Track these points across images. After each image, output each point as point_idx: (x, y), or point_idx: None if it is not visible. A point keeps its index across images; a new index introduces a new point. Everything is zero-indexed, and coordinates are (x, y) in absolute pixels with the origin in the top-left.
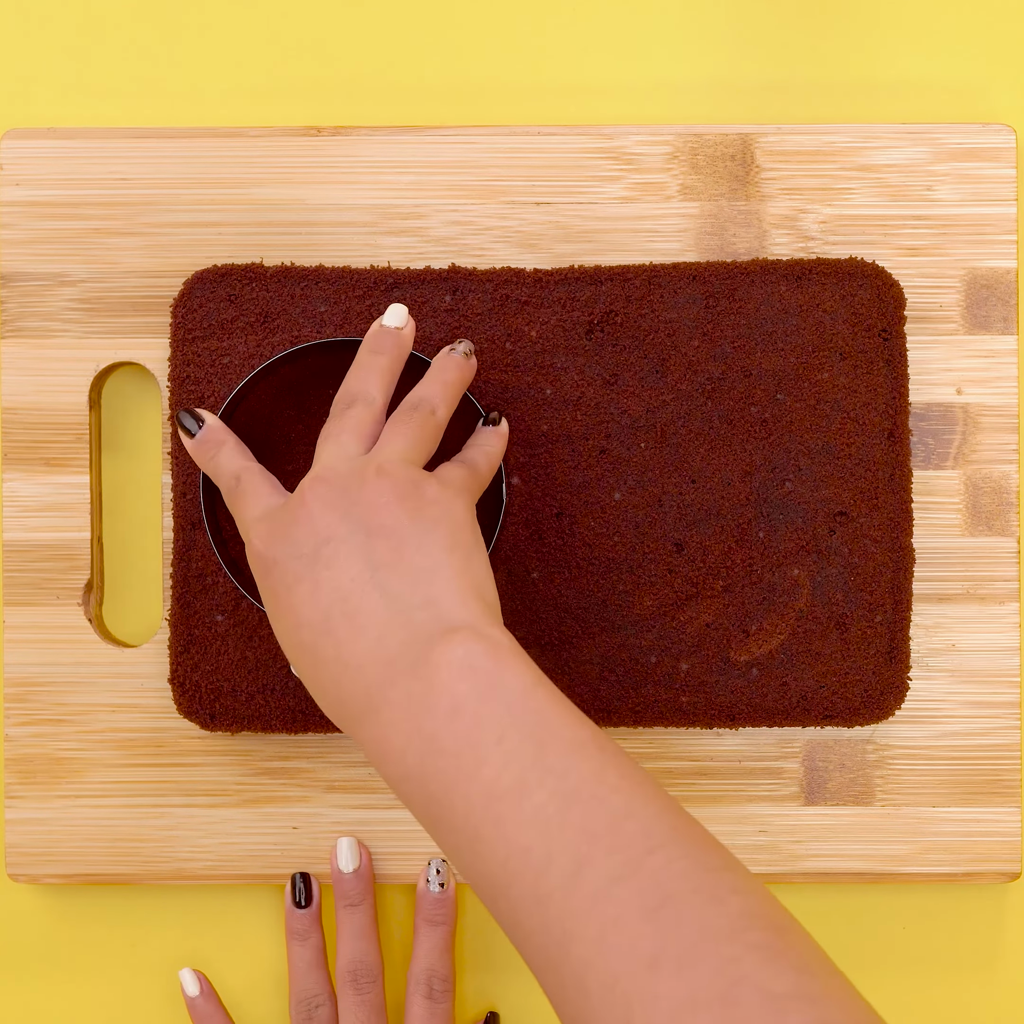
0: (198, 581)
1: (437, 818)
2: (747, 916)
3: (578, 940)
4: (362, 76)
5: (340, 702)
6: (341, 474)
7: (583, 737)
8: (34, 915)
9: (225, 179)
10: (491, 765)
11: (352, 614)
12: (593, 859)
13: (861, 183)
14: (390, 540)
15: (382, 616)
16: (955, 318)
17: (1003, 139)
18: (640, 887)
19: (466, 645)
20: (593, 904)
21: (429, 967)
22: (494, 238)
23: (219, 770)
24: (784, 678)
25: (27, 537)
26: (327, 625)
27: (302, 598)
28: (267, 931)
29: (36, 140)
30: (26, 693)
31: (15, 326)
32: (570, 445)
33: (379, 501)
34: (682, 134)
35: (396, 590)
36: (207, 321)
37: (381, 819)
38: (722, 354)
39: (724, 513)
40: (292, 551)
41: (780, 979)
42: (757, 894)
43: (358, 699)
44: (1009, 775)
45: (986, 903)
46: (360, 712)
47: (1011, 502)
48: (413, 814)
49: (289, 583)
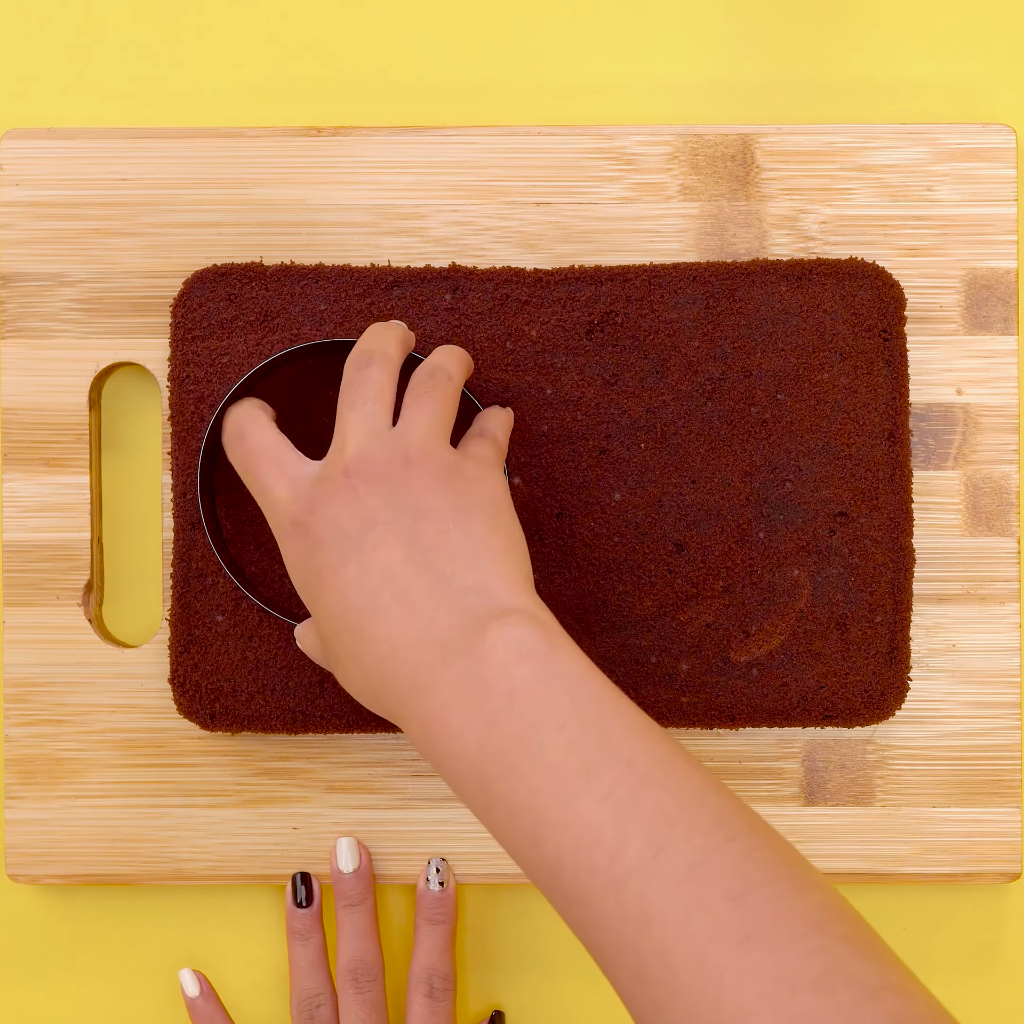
0: (198, 581)
1: (494, 800)
2: (829, 909)
3: (660, 920)
4: (362, 76)
5: (386, 682)
6: (379, 457)
7: (643, 725)
8: (34, 915)
9: (225, 179)
10: (555, 749)
11: (402, 596)
12: (671, 843)
13: (861, 183)
14: (437, 523)
15: (433, 598)
16: (955, 318)
17: (1003, 139)
18: (721, 873)
19: (520, 628)
20: (675, 887)
21: (430, 966)
22: (494, 238)
23: (219, 770)
24: (784, 678)
25: (27, 537)
26: (376, 605)
27: (348, 579)
28: (267, 931)
29: (36, 140)
30: (26, 693)
31: (15, 326)
32: (570, 445)
33: (423, 485)
34: (682, 134)
35: (446, 572)
36: (207, 321)
37: (381, 819)
38: (722, 354)
39: (724, 513)
40: (338, 533)
41: (870, 971)
42: (831, 890)
43: (407, 680)
44: (1009, 775)
45: (986, 903)
46: (410, 692)
47: (1011, 502)
48: (460, 795)
49: (335, 565)
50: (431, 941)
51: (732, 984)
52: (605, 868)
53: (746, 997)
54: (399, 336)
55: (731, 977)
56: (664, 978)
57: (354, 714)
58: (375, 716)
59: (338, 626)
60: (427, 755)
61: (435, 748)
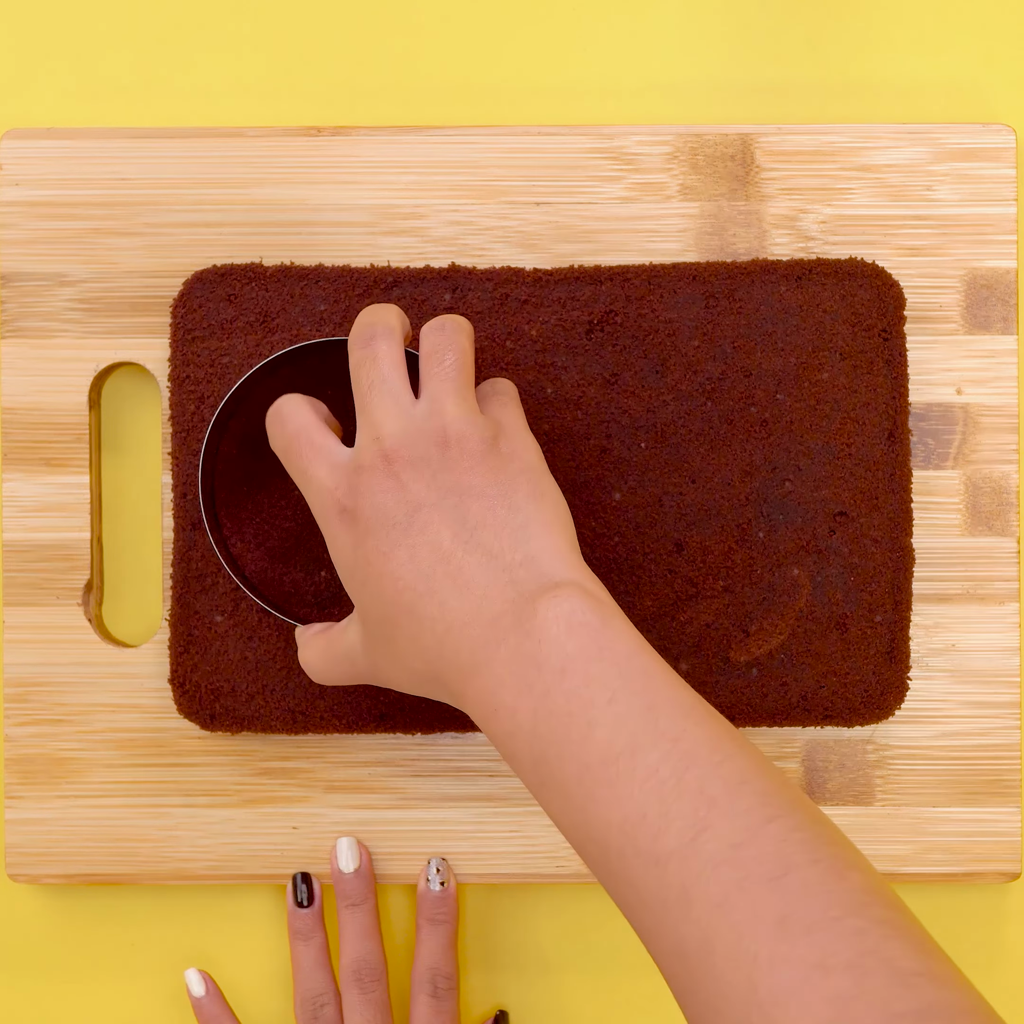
0: (198, 581)
1: (547, 777)
2: (868, 892)
3: (699, 901)
4: (362, 76)
5: (444, 660)
6: (417, 440)
7: (691, 701)
8: (34, 915)
9: (225, 179)
10: (604, 726)
11: (455, 574)
12: (712, 823)
13: (861, 183)
14: (482, 500)
15: (485, 575)
16: (955, 318)
17: (1003, 139)
18: (761, 854)
19: (572, 601)
20: (715, 868)
21: (433, 966)
22: (494, 238)
23: (219, 770)
24: (784, 678)
25: (27, 537)
26: (429, 585)
27: (400, 562)
28: (267, 931)
29: (36, 140)
30: (26, 693)
31: (15, 326)
32: (570, 445)
33: (464, 465)
34: (682, 134)
35: (496, 548)
36: (207, 321)
37: (381, 819)
38: (722, 354)
39: (724, 513)
40: (385, 520)
41: (907, 956)
42: (872, 872)
43: (463, 657)
44: (1009, 775)
45: (986, 903)
46: (466, 670)
47: (1011, 502)
48: (516, 771)
49: (385, 551)
50: (433, 941)
51: (767, 966)
52: (648, 848)
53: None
54: (397, 311)
55: (766, 959)
56: (702, 959)
57: (354, 714)
58: (375, 717)
59: (392, 610)
60: (486, 733)
61: (491, 726)
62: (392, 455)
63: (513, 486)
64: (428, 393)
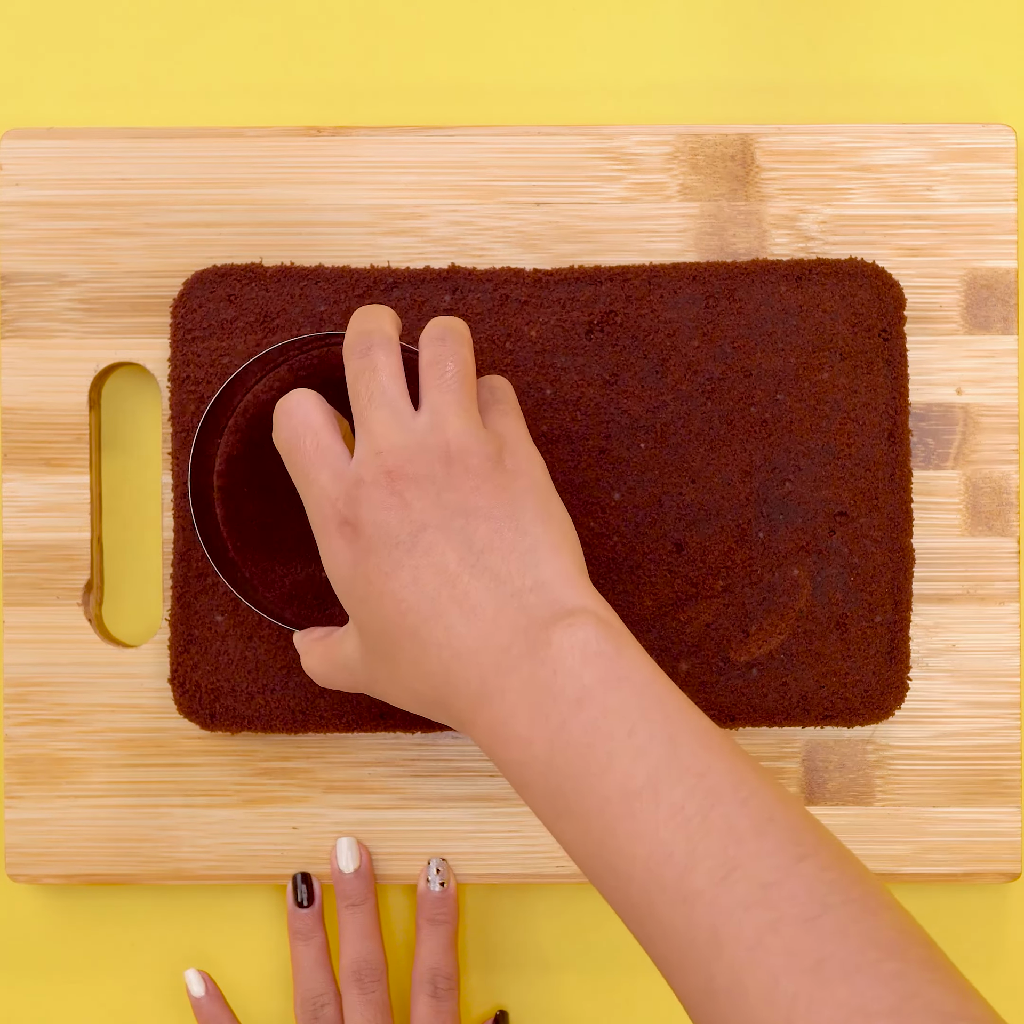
0: (198, 581)
1: (563, 810)
2: (902, 931)
3: (732, 942)
4: (362, 76)
5: (451, 686)
6: (419, 456)
7: (709, 731)
8: (34, 915)
9: (225, 179)
10: (624, 759)
11: (460, 599)
12: (742, 863)
13: (861, 183)
14: (489, 522)
15: (493, 600)
16: (955, 318)
17: (1003, 139)
18: (793, 894)
19: (586, 629)
20: (746, 909)
21: (433, 966)
22: (494, 238)
23: (219, 770)
24: (784, 678)
25: (27, 537)
26: (434, 609)
27: (403, 583)
28: (267, 931)
29: (36, 140)
30: (26, 693)
31: (15, 326)
32: (570, 445)
33: (469, 483)
34: (682, 134)
35: (504, 573)
36: (207, 321)
37: (381, 819)
38: (722, 354)
39: (724, 513)
40: (388, 539)
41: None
42: (901, 909)
43: (472, 685)
44: (1009, 775)
45: (986, 903)
46: (475, 698)
47: (1011, 502)
48: (527, 801)
49: (387, 571)
50: (434, 941)
51: (805, 1010)
52: (675, 886)
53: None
54: (391, 314)
55: (804, 1003)
56: (734, 999)
57: (354, 714)
58: (375, 716)
59: (393, 630)
60: (494, 761)
61: (502, 755)
62: (395, 471)
63: (520, 506)
64: (429, 405)
